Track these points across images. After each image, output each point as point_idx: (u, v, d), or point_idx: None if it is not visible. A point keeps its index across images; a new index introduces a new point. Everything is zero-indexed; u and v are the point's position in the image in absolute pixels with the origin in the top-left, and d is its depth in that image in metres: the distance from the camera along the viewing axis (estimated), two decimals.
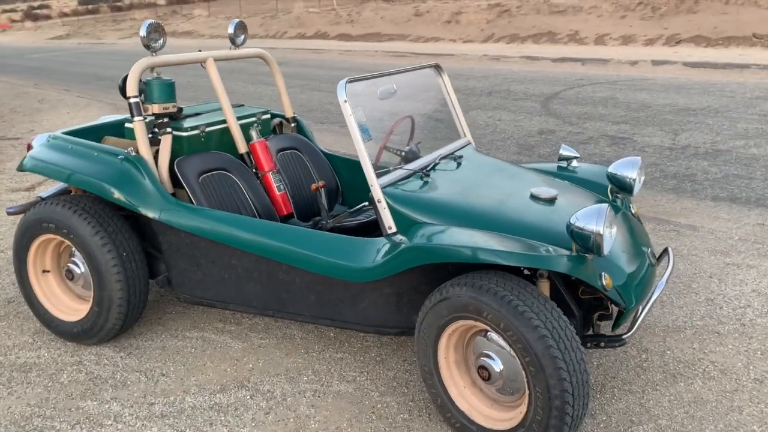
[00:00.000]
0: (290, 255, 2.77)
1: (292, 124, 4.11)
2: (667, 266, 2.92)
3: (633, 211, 3.22)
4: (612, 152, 7.16)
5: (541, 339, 2.15)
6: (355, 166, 4.11)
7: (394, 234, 2.69)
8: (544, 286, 2.51)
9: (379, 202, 2.70)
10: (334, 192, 3.97)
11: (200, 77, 12.74)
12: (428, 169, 2.99)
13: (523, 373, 2.26)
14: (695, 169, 6.47)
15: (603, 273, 2.44)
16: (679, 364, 3.07)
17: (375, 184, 2.69)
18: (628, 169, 3.14)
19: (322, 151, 4.07)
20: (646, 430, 2.61)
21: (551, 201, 2.85)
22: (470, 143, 3.53)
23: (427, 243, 2.44)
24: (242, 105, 3.95)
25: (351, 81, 2.78)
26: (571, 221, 2.37)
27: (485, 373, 2.40)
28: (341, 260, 2.67)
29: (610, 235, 2.34)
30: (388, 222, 2.70)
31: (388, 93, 3.15)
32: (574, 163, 3.48)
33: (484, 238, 2.41)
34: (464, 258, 2.30)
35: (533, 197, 2.87)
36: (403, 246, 2.51)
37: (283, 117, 4.10)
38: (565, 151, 3.50)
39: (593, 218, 2.32)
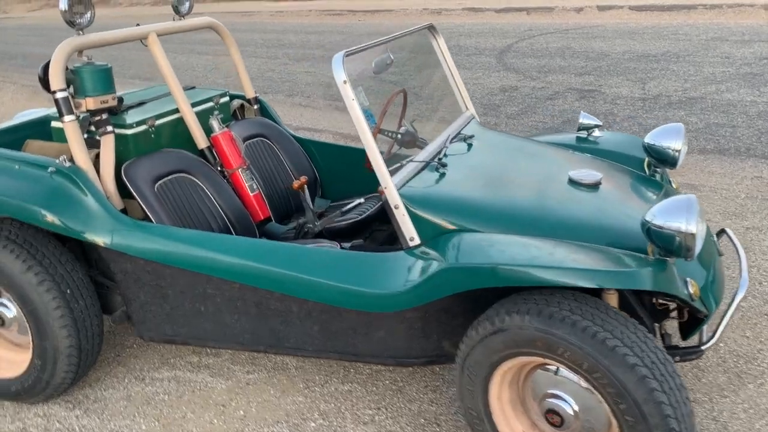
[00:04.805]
0: (287, 282, 2.19)
1: (255, 106, 3.46)
2: (738, 255, 2.47)
3: (674, 187, 2.77)
4: (583, 106, 6.75)
5: (641, 381, 1.67)
6: (330, 150, 3.52)
7: (418, 246, 2.14)
8: (612, 299, 2.03)
9: (396, 208, 2.13)
10: (312, 184, 3.38)
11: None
12: (441, 157, 2.45)
13: (613, 420, 1.78)
14: (674, 120, 6.12)
15: (688, 279, 1.98)
16: (739, 359, 2.67)
17: (391, 187, 2.12)
18: (670, 138, 2.67)
19: (292, 136, 3.45)
20: None
21: (595, 186, 2.36)
22: (474, 117, 2.99)
23: (472, 261, 1.90)
24: (193, 87, 3.28)
25: (349, 54, 2.17)
26: (648, 218, 1.88)
27: (557, 419, 1.91)
28: (355, 285, 2.10)
29: (702, 235, 1.87)
30: (410, 232, 2.14)
31: (384, 65, 2.57)
32: (596, 132, 3.00)
33: (544, 249, 1.90)
34: (530, 281, 1.79)
35: (573, 183, 2.37)
36: (439, 266, 1.97)
37: (243, 98, 3.45)
38: (585, 118, 3.01)
39: (680, 214, 1.83)
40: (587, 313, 1.77)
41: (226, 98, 3.23)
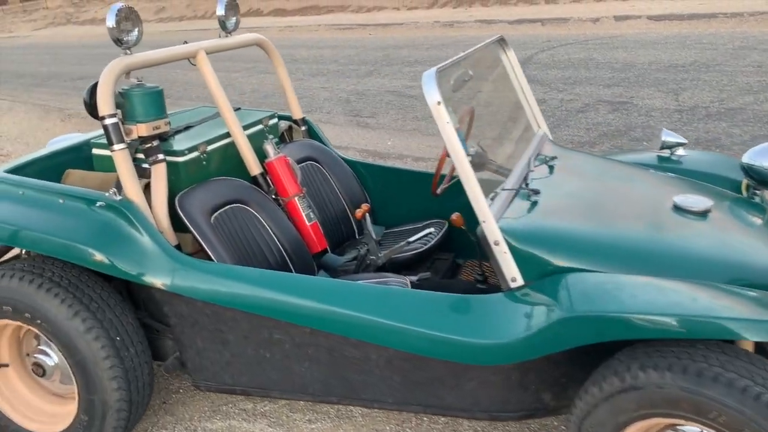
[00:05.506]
0: (368, 328, 1.94)
1: (303, 128, 3.23)
2: None
3: None
4: (617, 119, 6.52)
5: None
6: (379, 172, 3.28)
7: (521, 288, 1.89)
8: (749, 345, 1.78)
9: (496, 244, 1.89)
10: None
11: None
12: (529, 182, 2.20)
13: None
14: (716, 132, 5.88)
15: None
16: None
17: (491, 220, 1.88)
18: None
19: (341, 158, 3.22)
20: None
21: (704, 214, 2.11)
22: (548, 136, 2.76)
23: (599, 309, 1.65)
24: (239, 108, 3.05)
25: (441, 70, 1.94)
26: None
27: None
28: (449, 333, 1.86)
29: None
30: (512, 272, 1.90)
31: (462, 81, 2.34)
32: (680, 151, 2.76)
33: (683, 293, 1.65)
34: (677, 334, 1.54)
35: (680, 210, 2.13)
36: (553, 313, 1.72)
37: (291, 119, 3.22)
38: (668, 136, 2.77)
39: None
40: (742, 368, 1.52)
41: (275, 120, 3.01)
